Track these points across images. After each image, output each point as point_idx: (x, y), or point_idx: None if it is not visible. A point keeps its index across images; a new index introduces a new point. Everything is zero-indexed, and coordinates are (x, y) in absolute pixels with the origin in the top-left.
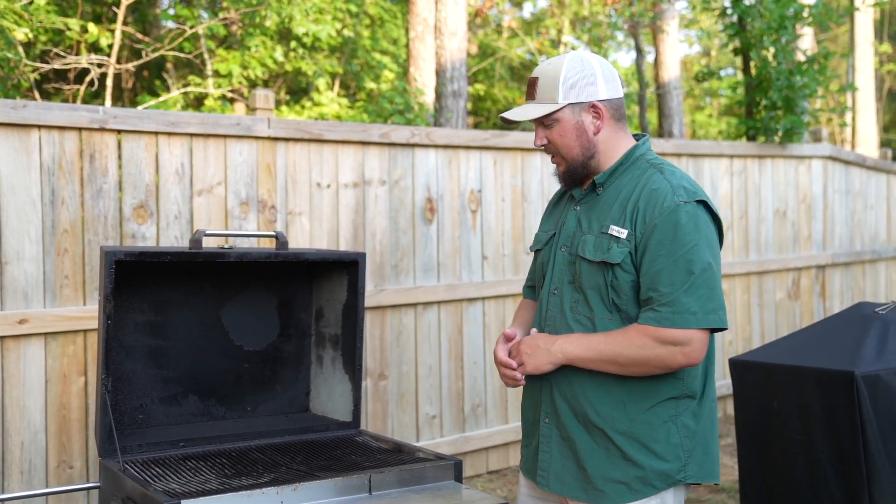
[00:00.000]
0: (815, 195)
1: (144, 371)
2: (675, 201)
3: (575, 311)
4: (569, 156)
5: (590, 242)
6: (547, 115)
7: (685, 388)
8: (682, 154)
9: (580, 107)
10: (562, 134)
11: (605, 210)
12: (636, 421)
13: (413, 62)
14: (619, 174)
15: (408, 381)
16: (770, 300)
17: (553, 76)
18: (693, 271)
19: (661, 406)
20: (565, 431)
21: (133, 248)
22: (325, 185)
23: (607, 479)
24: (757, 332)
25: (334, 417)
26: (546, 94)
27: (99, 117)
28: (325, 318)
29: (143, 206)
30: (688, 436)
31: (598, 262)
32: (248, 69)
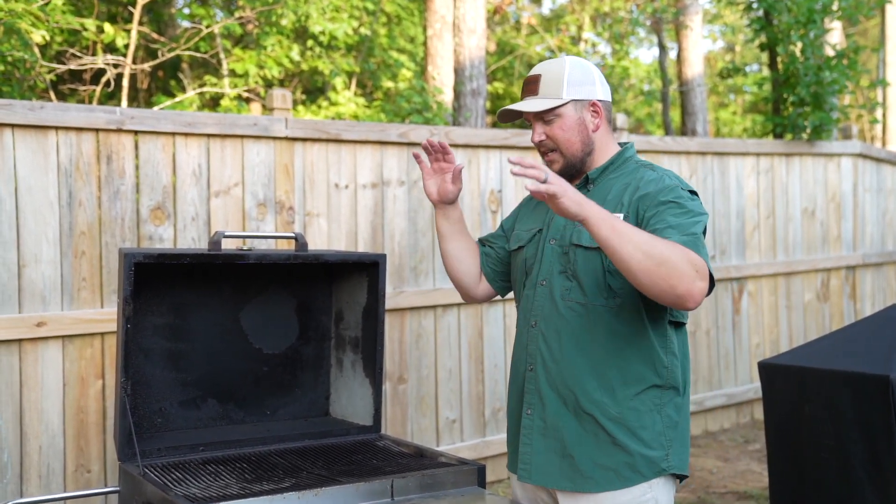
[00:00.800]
0: (844, 194)
1: (163, 374)
2: (670, 185)
3: (566, 299)
4: (569, 151)
5: (585, 232)
6: (552, 109)
7: (669, 378)
8: (706, 152)
9: (582, 104)
10: (563, 129)
11: (599, 202)
12: (625, 406)
13: (431, 60)
14: (610, 172)
15: (427, 385)
16: (798, 302)
17: (557, 73)
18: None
19: (646, 393)
20: (551, 420)
21: (152, 249)
22: (343, 185)
23: (596, 465)
24: (785, 335)
25: (354, 421)
26: (550, 90)
27: (116, 118)
28: (345, 320)
29: (160, 208)
30: (670, 426)
31: (596, 248)
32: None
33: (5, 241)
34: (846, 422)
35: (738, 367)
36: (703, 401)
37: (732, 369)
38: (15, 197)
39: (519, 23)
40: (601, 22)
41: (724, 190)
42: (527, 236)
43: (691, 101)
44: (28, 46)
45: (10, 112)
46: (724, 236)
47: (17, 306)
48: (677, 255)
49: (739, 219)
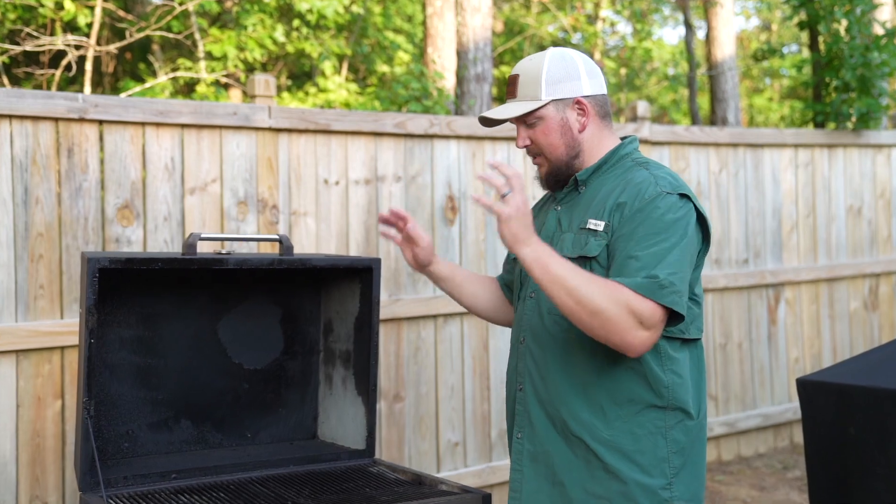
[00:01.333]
0: (895, 189)
1: (131, 393)
2: (657, 191)
3: (552, 312)
4: (553, 155)
5: (568, 240)
6: (530, 112)
7: (672, 398)
8: (738, 144)
9: (564, 103)
10: (546, 132)
11: (586, 207)
12: (618, 429)
13: (431, 42)
14: (602, 172)
15: (427, 404)
16: (843, 311)
17: (535, 72)
18: (665, 252)
19: (644, 415)
20: (541, 445)
21: (118, 253)
22: (332, 181)
23: (587, 493)
24: (828, 348)
25: (345, 445)
26: (528, 92)
27: (78, 106)
28: (335, 332)
29: (128, 207)
30: (676, 451)
31: (575, 259)
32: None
33: None
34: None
35: (774, 385)
36: (736, 422)
37: (768, 387)
38: None
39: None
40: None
41: (758, 185)
42: None
43: (721, 86)
44: None
45: None
46: (758, 237)
47: None
48: (614, 305)
49: (776, 218)
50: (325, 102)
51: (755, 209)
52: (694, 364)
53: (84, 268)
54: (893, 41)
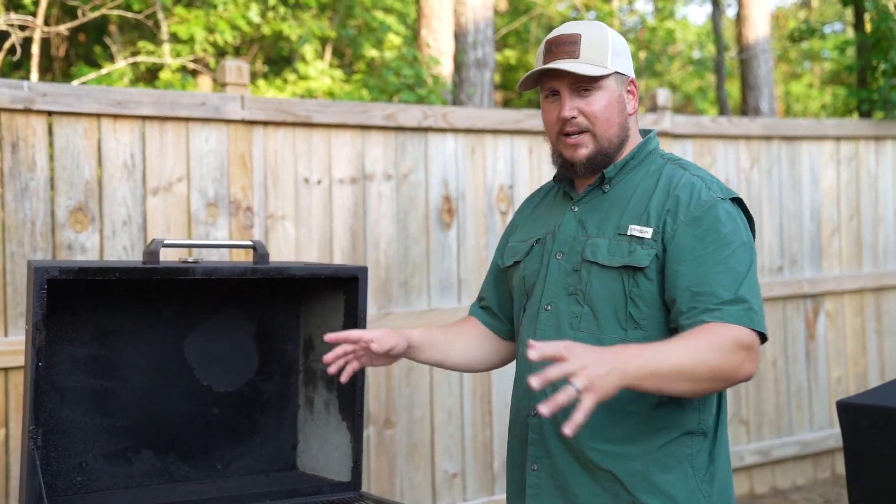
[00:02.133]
0: None
1: (85, 420)
2: (713, 196)
3: (576, 329)
4: (606, 133)
5: (602, 246)
6: (599, 77)
7: (701, 423)
8: (772, 136)
9: (623, 80)
10: (606, 105)
11: (618, 209)
12: (649, 459)
13: (425, 23)
14: (629, 169)
15: (421, 430)
16: (892, 325)
17: (599, 35)
18: (742, 271)
19: (676, 442)
20: (561, 479)
21: (70, 262)
22: (314, 180)
23: None
24: (875, 367)
25: (328, 477)
26: (593, 55)
27: (23, 95)
28: (317, 349)
29: (81, 209)
30: (705, 480)
31: (617, 268)
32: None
33: None
34: None
35: (814, 408)
36: (770, 450)
37: (807, 410)
38: None
39: None
40: None
41: (794, 184)
42: (524, 248)
43: (754, 71)
44: None
45: None
46: (794, 242)
47: None
48: (721, 355)
49: (814, 220)
50: (305, 91)
51: (791, 210)
52: None
53: (31, 278)
54: None
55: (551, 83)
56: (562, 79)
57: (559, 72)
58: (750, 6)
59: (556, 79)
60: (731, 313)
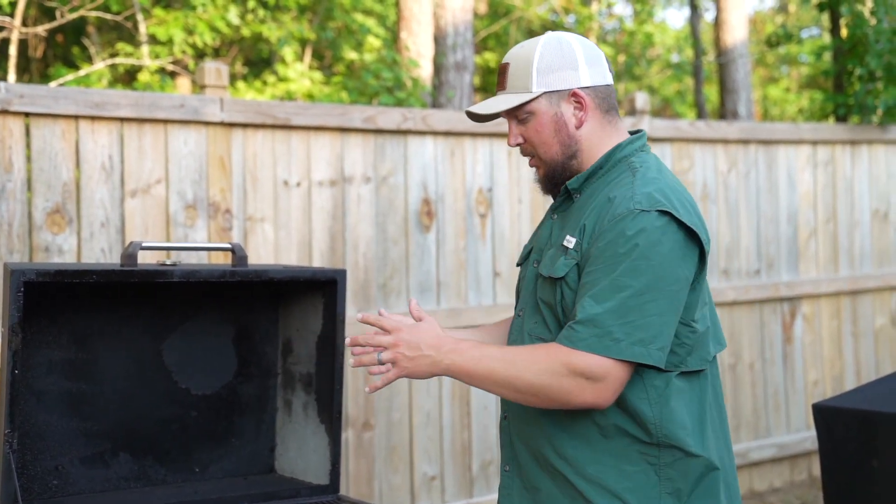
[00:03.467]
0: None
1: (61, 423)
2: (629, 208)
3: (532, 336)
4: (547, 155)
5: (548, 256)
6: (519, 106)
7: (662, 436)
8: (749, 141)
9: (559, 95)
10: (538, 129)
11: (575, 219)
12: (605, 464)
13: (405, 25)
14: (596, 178)
15: (400, 433)
16: (867, 327)
17: (525, 60)
18: (626, 291)
19: (634, 449)
20: (528, 480)
21: (47, 265)
22: (293, 183)
23: None
24: (850, 370)
25: (306, 480)
26: (518, 83)
27: (0, 96)
28: (295, 352)
29: (59, 211)
30: (671, 493)
31: (545, 278)
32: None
33: None
34: None
35: (790, 411)
36: (748, 452)
37: (784, 413)
38: None
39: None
40: None
41: (771, 188)
42: (524, 253)
43: (732, 75)
44: None
45: None
46: (771, 246)
47: None
48: (549, 377)
49: (791, 224)
50: (285, 94)
51: (768, 214)
52: (695, 397)
53: (7, 281)
54: None
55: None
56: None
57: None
58: (728, 10)
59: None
60: (581, 337)
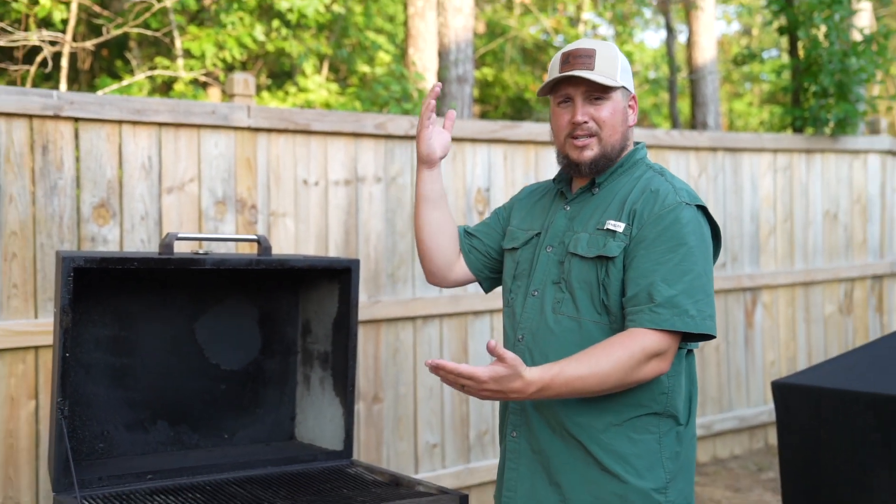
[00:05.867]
0: (871, 195)
1: (106, 394)
2: (678, 200)
3: (558, 312)
4: (611, 138)
5: (583, 240)
6: (611, 87)
7: (668, 405)
8: (717, 148)
9: (627, 94)
10: (613, 113)
11: (601, 208)
12: (616, 432)
13: (412, 42)
14: (617, 175)
15: (405, 405)
16: (818, 315)
17: (611, 55)
18: (690, 274)
19: (642, 420)
20: (537, 444)
21: (94, 253)
22: (312, 182)
23: (584, 494)
24: (803, 351)
25: (323, 446)
26: (606, 69)
27: (53, 103)
28: (313, 333)
29: (104, 206)
30: (671, 458)
31: (592, 258)
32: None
33: None
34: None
35: (750, 387)
36: (712, 424)
37: (744, 389)
38: None
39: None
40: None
41: (736, 190)
42: (523, 237)
43: (702, 90)
44: None
45: None
46: (736, 241)
47: None
48: (631, 370)
49: (754, 222)
50: (304, 102)
51: (733, 213)
52: (687, 374)
53: (59, 267)
54: (871, 47)
55: (567, 90)
56: (577, 86)
57: (576, 79)
58: (699, 33)
59: (571, 86)
60: (664, 318)
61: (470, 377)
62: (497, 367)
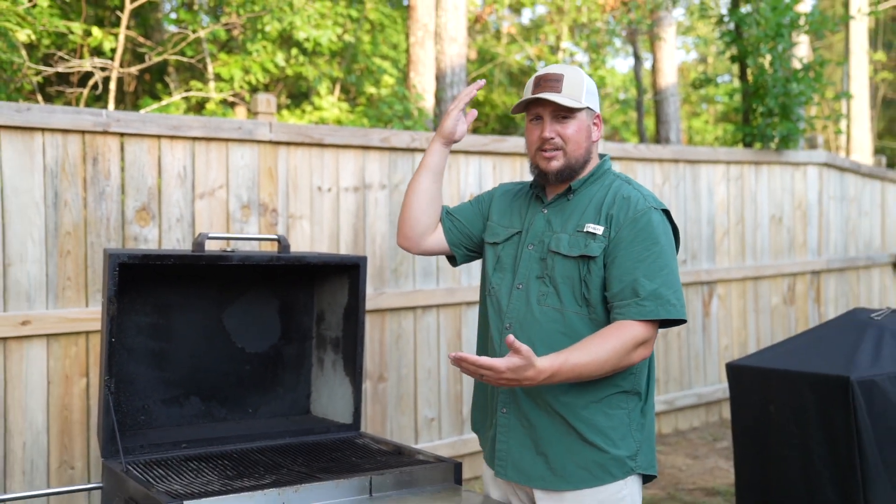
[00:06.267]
0: (810, 202)
1: (147, 373)
2: (647, 205)
3: (543, 304)
4: (575, 153)
5: (564, 240)
6: (576, 108)
7: (635, 384)
8: (679, 160)
9: (591, 114)
10: (577, 130)
11: (578, 212)
12: (595, 409)
13: (413, 67)
14: (590, 183)
15: (407, 384)
16: (766, 305)
17: (577, 78)
18: (665, 269)
19: (616, 397)
20: (525, 419)
21: (136, 250)
22: (325, 188)
23: (568, 463)
24: (753, 337)
25: (335, 420)
26: (573, 91)
27: (102, 120)
28: (326, 321)
29: (145, 209)
30: (638, 429)
31: (575, 257)
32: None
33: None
34: (810, 421)
35: (707, 368)
36: (674, 400)
37: (702, 370)
38: (1, 197)
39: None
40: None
41: (695, 196)
42: (504, 234)
43: (665, 109)
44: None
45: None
46: (695, 241)
47: (2, 305)
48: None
49: (710, 224)
50: (319, 119)
51: (693, 217)
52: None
53: (106, 262)
54: (809, 74)
55: (537, 109)
56: (546, 107)
57: (545, 101)
58: (662, 60)
59: (541, 106)
60: (650, 309)
61: (489, 368)
62: (513, 358)
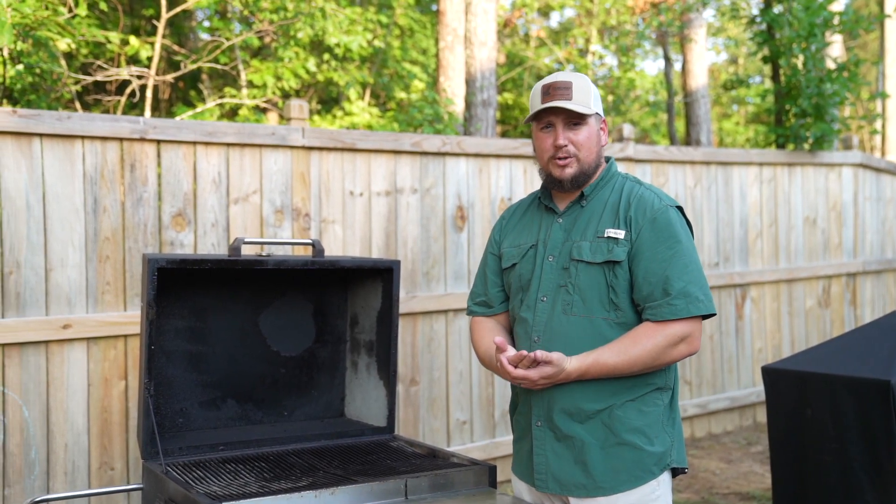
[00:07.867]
0: (845, 203)
1: (185, 376)
2: (662, 204)
3: (569, 313)
4: (587, 158)
5: (585, 247)
6: (586, 115)
7: (667, 379)
8: (710, 162)
9: (599, 119)
10: (588, 136)
11: (594, 218)
12: (629, 407)
13: (443, 72)
14: (601, 187)
15: (439, 387)
16: (800, 308)
17: (585, 85)
18: (691, 266)
19: (650, 395)
20: (560, 431)
21: (174, 255)
22: (357, 193)
23: (607, 467)
24: (787, 340)
25: (369, 422)
26: (582, 99)
27: (139, 128)
28: (360, 324)
29: (181, 214)
30: (669, 424)
31: (600, 263)
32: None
33: (33, 245)
34: (848, 426)
35: (741, 371)
36: (707, 404)
37: (736, 373)
38: (42, 203)
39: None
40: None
41: (727, 198)
42: (518, 252)
43: (695, 111)
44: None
45: (38, 122)
46: (727, 244)
47: (45, 309)
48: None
49: (743, 226)
50: (350, 124)
51: (725, 219)
52: None
53: (145, 267)
54: (843, 74)
55: (549, 118)
56: (558, 114)
57: (557, 109)
58: (692, 62)
59: (553, 114)
60: (680, 307)
61: (524, 378)
62: (544, 368)
